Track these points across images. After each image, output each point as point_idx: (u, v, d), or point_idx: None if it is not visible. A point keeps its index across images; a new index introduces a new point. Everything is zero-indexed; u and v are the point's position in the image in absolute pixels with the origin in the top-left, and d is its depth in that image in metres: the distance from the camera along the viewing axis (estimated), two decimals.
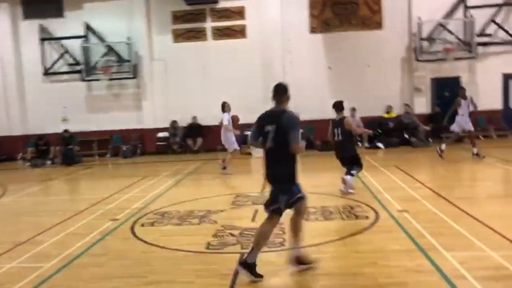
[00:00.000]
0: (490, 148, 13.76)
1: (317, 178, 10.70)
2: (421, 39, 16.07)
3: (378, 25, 16.72)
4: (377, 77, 16.57)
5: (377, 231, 5.97)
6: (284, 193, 4.55)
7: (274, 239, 5.82)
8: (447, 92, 16.57)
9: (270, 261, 5.08)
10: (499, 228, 5.72)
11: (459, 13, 16.27)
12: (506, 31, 16.09)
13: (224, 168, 11.85)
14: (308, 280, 4.52)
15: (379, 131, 15.80)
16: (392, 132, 15.87)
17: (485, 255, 4.84)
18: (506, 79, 16.38)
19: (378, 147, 15.06)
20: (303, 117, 16.57)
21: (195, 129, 17.18)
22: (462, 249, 5.07)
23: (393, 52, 16.66)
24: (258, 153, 15.11)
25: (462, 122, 11.86)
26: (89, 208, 8.35)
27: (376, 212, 6.85)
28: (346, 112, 15.80)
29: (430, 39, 16.23)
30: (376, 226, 6.20)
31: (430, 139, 15.55)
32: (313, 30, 16.96)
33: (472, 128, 11.90)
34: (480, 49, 16.09)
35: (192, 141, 17.07)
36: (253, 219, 6.93)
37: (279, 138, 4.51)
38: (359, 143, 15.79)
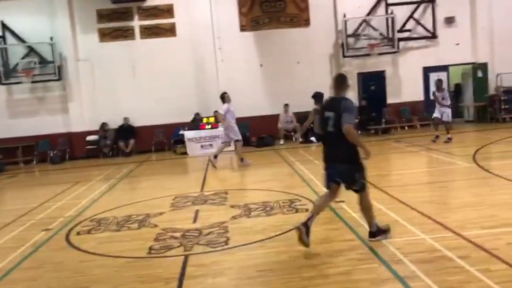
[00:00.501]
0: (414, 137, 14.58)
1: (255, 174, 10.79)
2: (347, 35, 16.66)
3: (306, 22, 17.11)
4: (307, 73, 16.97)
5: (318, 223, 6.06)
6: (358, 171, 5.05)
7: (217, 238, 5.81)
8: (373, 86, 17.33)
9: (215, 260, 5.05)
10: (429, 212, 6.08)
11: (381, 10, 17.04)
12: (424, 27, 17.08)
13: (242, 159, 11.69)
14: (254, 277, 4.54)
15: (311, 125, 16.19)
16: None
17: (419, 239, 5.13)
18: (426, 72, 17.39)
19: (312, 141, 15.43)
20: (238, 114, 16.71)
21: (126, 131, 16.68)
22: (397, 235, 5.32)
23: (321, 48, 17.13)
24: (194, 153, 14.98)
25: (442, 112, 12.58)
26: (17, 219, 7.85)
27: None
28: (280, 109, 16.26)
29: (356, 35, 16.86)
30: (317, 218, 6.31)
31: (359, 131, 16.19)
32: (243, 28, 17.03)
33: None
34: (402, 44, 16.97)
35: (124, 143, 16.55)
36: (194, 220, 6.85)
37: (338, 124, 4.87)
38: (293, 138, 16.13)
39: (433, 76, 17.38)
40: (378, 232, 5.17)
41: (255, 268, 4.75)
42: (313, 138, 15.53)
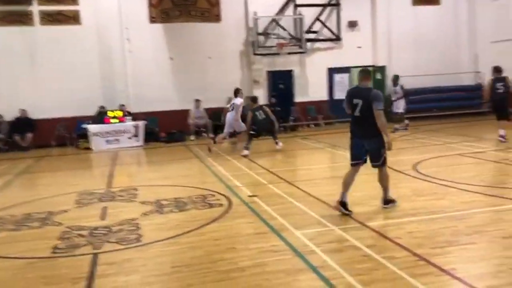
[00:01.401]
0: (320, 135, 15.23)
1: (166, 170, 10.56)
2: (258, 33, 16.91)
3: (217, 17, 17.08)
4: (218, 69, 16.98)
5: (231, 217, 6.14)
6: (383, 146, 5.90)
7: (128, 235, 5.60)
8: (282, 84, 17.80)
9: (127, 258, 4.86)
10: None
11: (290, 10, 17.54)
12: (329, 29, 17.89)
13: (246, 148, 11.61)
14: (169, 273, 4.44)
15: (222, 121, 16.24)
16: None
17: (329, 230, 5.36)
18: (331, 73, 18.24)
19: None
20: (146, 108, 16.19)
21: (24, 124, 15.43)
22: (309, 226, 5.52)
23: (232, 45, 17.22)
24: (99, 148, 14.29)
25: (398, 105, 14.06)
26: None
27: (229, 199, 7.04)
28: (191, 104, 16.05)
29: (266, 34, 17.18)
30: (230, 212, 6.38)
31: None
32: (152, 19, 16.56)
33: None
34: (309, 45, 17.62)
35: (20, 137, 15.30)
36: (102, 218, 6.53)
37: (365, 109, 5.79)
38: (203, 134, 16.03)
39: (337, 77, 18.34)
40: (390, 201, 6.15)
41: (170, 264, 4.65)
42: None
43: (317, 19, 17.76)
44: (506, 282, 3.82)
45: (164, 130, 15.85)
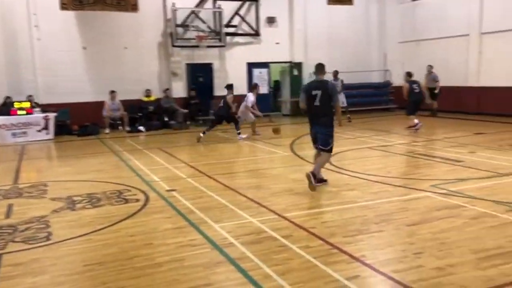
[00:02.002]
0: (233, 128, 15.31)
1: (80, 164, 10.05)
2: (176, 25, 16.61)
3: (133, 7, 16.52)
4: (135, 60, 16.47)
5: (148, 213, 6.00)
6: (331, 136, 6.79)
7: (37, 234, 5.28)
8: (201, 77, 17.68)
9: (35, 258, 4.58)
10: (255, 197, 6.48)
11: (209, 3, 17.43)
12: (249, 24, 18.05)
13: (255, 133, 13.08)
14: (81, 272, 4.24)
15: (139, 114, 15.83)
16: (153, 116, 16.08)
17: (247, 222, 5.42)
18: (250, 67, 18.42)
19: (140, 131, 15.05)
20: (57, 100, 15.34)
21: None
22: (228, 219, 5.54)
23: (150, 36, 16.77)
24: (4, 141, 13.29)
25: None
26: None
27: (146, 194, 6.88)
28: (105, 96, 15.40)
29: (185, 26, 16.93)
30: (147, 208, 6.23)
31: (188, 122, 16.35)
32: (64, 6, 15.63)
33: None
34: (229, 39, 17.64)
35: None
36: (7, 216, 6.09)
37: (324, 99, 6.59)
38: (120, 127, 15.49)
39: (256, 72, 18.57)
40: (321, 180, 6.96)
41: (82, 263, 4.45)
42: (141, 128, 15.17)
43: (236, 13, 17.82)
44: (409, 266, 4.10)
45: (77, 122, 15.08)
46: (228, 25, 17.56)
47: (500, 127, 13.15)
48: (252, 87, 13.82)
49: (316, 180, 6.69)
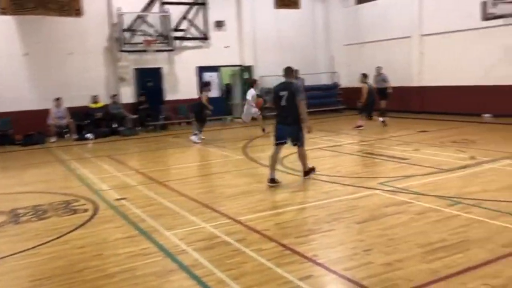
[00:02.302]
0: (185, 133, 15.22)
1: (24, 175, 9.62)
2: (123, 30, 16.28)
3: (77, 12, 16.04)
4: (81, 66, 15.98)
5: (98, 223, 5.84)
6: (301, 131, 7.26)
7: None
8: (150, 82, 17.41)
9: None
10: (208, 202, 6.46)
11: (156, 7, 17.21)
12: (197, 28, 17.96)
13: (264, 130, 13.18)
14: (27, 287, 4.08)
15: (87, 121, 15.38)
16: (101, 122, 15.66)
17: (200, 228, 5.39)
18: (200, 71, 18.32)
19: (88, 138, 14.61)
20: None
21: None
22: (180, 226, 5.48)
23: (95, 41, 16.33)
24: None
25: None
26: None
27: (95, 204, 6.69)
28: (50, 103, 14.84)
29: (132, 30, 16.62)
30: (97, 218, 6.06)
31: (137, 127, 16.05)
32: (3, 11, 14.96)
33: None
34: (177, 43, 17.48)
35: None
36: None
37: (289, 99, 7.05)
38: (67, 135, 14.97)
39: (206, 76, 18.48)
40: (309, 171, 7.58)
41: (29, 278, 4.27)
42: (89, 135, 14.73)
43: (185, 17, 17.70)
44: (360, 263, 4.22)
45: (20, 132, 14.44)
46: (176, 29, 17.40)
47: (442, 125, 13.76)
48: (252, 82, 14.14)
49: (305, 173, 7.54)
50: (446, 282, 3.77)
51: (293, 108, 7.08)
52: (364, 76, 13.94)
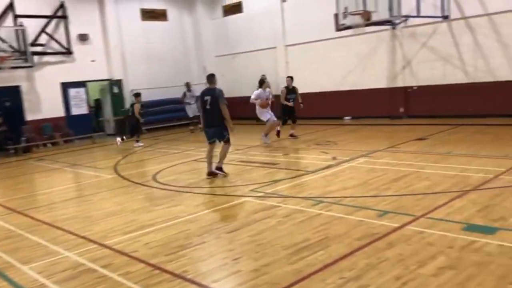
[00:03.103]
0: (58, 154, 14.24)
1: None
2: None
3: None
4: None
5: None
6: (226, 130, 8.23)
7: None
8: (8, 101, 15.93)
9: None
10: (72, 228, 6.05)
11: (10, 21, 15.83)
12: (58, 42, 16.88)
13: (266, 135, 12.34)
14: None
15: None
16: None
17: (63, 258, 5.00)
18: (65, 87, 17.21)
19: None
20: None
21: None
22: (40, 258, 5.04)
23: None
24: None
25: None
26: None
27: None
28: None
29: None
30: None
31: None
32: None
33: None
34: (37, 58, 16.24)
35: None
36: None
37: (213, 103, 7.99)
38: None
39: (72, 92, 17.44)
40: (220, 169, 8.41)
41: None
42: None
43: (43, 31, 16.52)
44: (229, 273, 4.27)
45: None
46: (34, 44, 16.16)
47: (308, 129, 14.61)
48: (260, 83, 12.58)
49: (217, 167, 8.36)
50: (308, 281, 3.96)
51: (216, 111, 8.02)
52: (137, 95, 14.31)
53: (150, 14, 19.46)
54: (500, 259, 4.00)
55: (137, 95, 14.36)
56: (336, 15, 13.85)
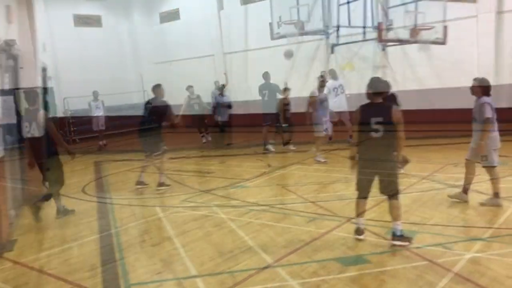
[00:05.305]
0: None
1: None
2: None
3: None
4: None
5: None
6: (161, 142, 8.45)
7: None
8: None
9: None
10: None
11: None
12: None
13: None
14: None
15: None
16: None
17: None
18: None
19: None
20: None
21: None
22: None
23: None
24: None
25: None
26: None
27: None
28: None
29: None
30: None
31: None
32: None
33: None
34: None
35: None
36: None
37: (156, 113, 8.21)
38: None
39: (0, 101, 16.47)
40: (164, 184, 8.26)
41: None
42: None
43: None
44: (153, 286, 4.12)
45: None
46: None
47: (250, 137, 14.52)
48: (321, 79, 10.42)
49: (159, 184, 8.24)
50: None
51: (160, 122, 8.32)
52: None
53: (83, 20, 18.83)
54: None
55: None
56: (270, 24, 13.99)
